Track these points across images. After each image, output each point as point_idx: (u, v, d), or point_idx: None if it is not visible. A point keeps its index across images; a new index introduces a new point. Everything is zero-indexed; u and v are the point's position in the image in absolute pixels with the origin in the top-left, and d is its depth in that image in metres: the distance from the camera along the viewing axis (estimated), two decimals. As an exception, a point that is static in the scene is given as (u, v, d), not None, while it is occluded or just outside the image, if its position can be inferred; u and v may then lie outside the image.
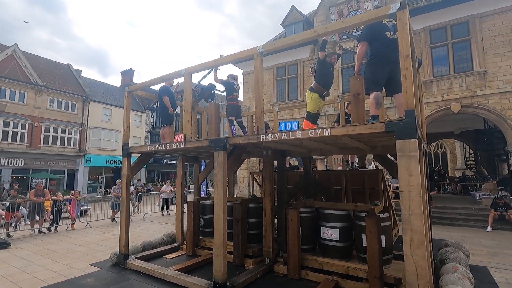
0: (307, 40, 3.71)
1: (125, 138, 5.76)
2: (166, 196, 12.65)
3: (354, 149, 4.91)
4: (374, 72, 3.65)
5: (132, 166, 5.71)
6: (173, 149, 4.93)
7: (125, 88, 5.79)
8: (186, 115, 4.71)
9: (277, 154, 5.61)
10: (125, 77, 33.11)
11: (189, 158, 6.95)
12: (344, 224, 4.79)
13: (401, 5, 2.96)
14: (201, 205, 6.49)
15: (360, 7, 12.00)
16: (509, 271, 5.04)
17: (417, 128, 2.96)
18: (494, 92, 9.32)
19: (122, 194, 5.63)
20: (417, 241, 2.72)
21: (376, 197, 6.47)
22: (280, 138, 3.67)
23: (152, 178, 30.69)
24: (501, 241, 7.06)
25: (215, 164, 4.27)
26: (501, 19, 9.47)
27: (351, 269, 4.42)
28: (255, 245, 5.69)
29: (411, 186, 2.79)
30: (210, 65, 4.57)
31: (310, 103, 5.21)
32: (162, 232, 8.19)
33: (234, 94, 6.41)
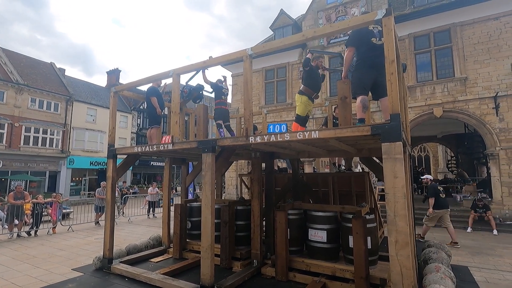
0: (296, 43, 3.75)
1: (110, 139, 5.64)
2: (152, 198, 12.44)
3: (341, 152, 4.99)
4: (361, 76, 3.73)
5: (118, 167, 5.59)
6: (160, 150, 4.86)
7: (111, 88, 5.67)
8: (174, 116, 4.66)
9: (266, 156, 5.62)
10: (111, 77, 32.50)
11: (176, 160, 6.86)
12: (332, 226, 4.84)
13: (386, 11, 3.04)
14: (189, 207, 6.41)
15: (347, 13, 12.25)
16: (488, 271, 5.22)
17: (402, 132, 3.04)
18: (474, 98, 9.69)
19: (107, 196, 5.49)
20: (402, 242, 2.78)
21: (362, 199, 6.59)
22: (269, 140, 3.68)
23: (138, 180, 30.14)
24: (480, 241, 7.32)
25: (203, 166, 4.24)
26: (481, 28, 9.88)
27: (338, 270, 4.47)
28: (243, 248, 5.67)
29: (396, 188, 2.85)
30: (199, 66, 4.55)
31: (299, 106, 5.27)
32: (148, 235, 8.04)
33: (222, 98, 6.40)
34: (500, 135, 9.22)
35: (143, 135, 32.06)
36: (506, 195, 9.04)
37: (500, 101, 9.24)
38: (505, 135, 9.15)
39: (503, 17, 9.54)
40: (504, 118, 9.20)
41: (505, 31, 9.46)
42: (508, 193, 9.00)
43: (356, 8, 12.04)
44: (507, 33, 9.43)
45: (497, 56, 9.48)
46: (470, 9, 9.91)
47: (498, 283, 4.64)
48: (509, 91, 9.20)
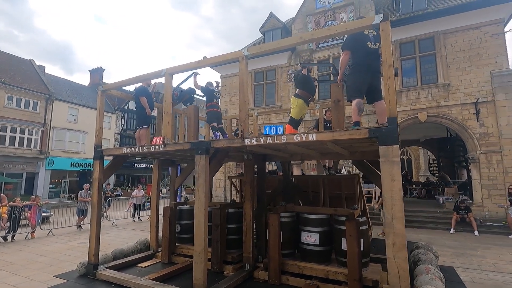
0: (294, 45, 3.76)
1: (97, 140, 5.43)
2: (137, 201, 12.09)
3: (334, 155, 5.02)
4: (356, 80, 3.76)
5: (105, 169, 5.39)
6: (151, 152, 4.72)
7: (98, 87, 5.47)
8: (166, 117, 4.54)
9: (258, 158, 5.59)
10: (94, 76, 31.58)
11: (166, 161, 6.70)
12: (324, 228, 4.85)
13: (384, 16, 3.08)
14: (178, 210, 6.27)
15: (336, 18, 12.45)
16: (473, 271, 5.38)
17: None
18: (456, 103, 10.06)
19: (92, 199, 5.27)
20: (399, 244, 2.81)
21: (352, 202, 6.66)
22: (265, 142, 3.64)
23: (122, 183, 29.33)
24: (463, 242, 7.56)
25: (196, 168, 4.14)
26: (462, 37, 10.29)
27: (331, 273, 4.48)
28: (234, 251, 5.59)
29: (394, 190, 2.88)
30: (192, 66, 4.46)
31: (294, 109, 5.28)
32: (133, 239, 7.80)
33: (214, 101, 6.33)
34: (480, 139, 9.61)
35: (127, 136, 31.29)
36: (486, 197, 9.42)
37: (481, 107, 9.64)
38: (485, 139, 9.55)
39: (483, 27, 9.98)
40: (484, 124, 9.60)
41: (485, 40, 9.90)
42: (488, 195, 9.38)
43: (344, 13, 12.26)
44: (486, 42, 9.87)
45: (478, 64, 9.90)
46: (452, 18, 10.31)
47: (484, 283, 4.78)
48: (489, 97, 9.62)
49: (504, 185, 9.07)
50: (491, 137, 9.48)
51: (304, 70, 5.13)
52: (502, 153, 9.25)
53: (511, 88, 9.27)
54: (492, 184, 9.35)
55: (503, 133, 9.27)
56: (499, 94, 9.41)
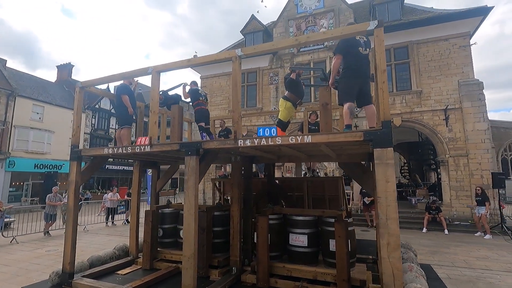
0: (289, 47, 3.77)
1: (74, 139, 5.09)
2: (111, 205, 11.50)
3: (322, 157, 5.09)
4: (348, 84, 3.84)
5: (83, 171, 5.05)
6: (136, 152, 4.50)
7: (77, 83, 5.13)
8: (153, 116, 4.35)
9: (246, 160, 5.53)
10: (62, 72, 29.85)
11: (147, 163, 6.43)
12: (312, 230, 4.89)
13: (378, 23, 3.19)
14: (160, 214, 6.03)
15: (316, 23, 12.75)
16: (447, 267, 5.69)
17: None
18: (428, 110, 10.68)
19: (69, 202, 4.92)
20: (394, 244, 2.88)
21: (335, 203, 6.80)
22: (260, 144, 3.60)
23: (91, 185, 27.80)
24: (436, 241, 8.00)
25: (186, 170, 4.00)
26: (433, 47, 10.97)
27: (319, 274, 4.51)
28: (220, 255, 5.47)
29: (388, 192, 2.96)
30: (182, 65, 4.31)
31: (283, 111, 5.29)
32: (109, 245, 7.43)
33: (200, 99, 6.18)
34: (449, 144, 10.27)
35: (98, 136, 29.82)
36: (454, 198, 10.06)
37: (449, 113, 10.31)
38: (453, 144, 10.22)
39: (451, 39, 10.71)
40: (452, 129, 10.28)
41: (453, 51, 10.62)
42: (456, 196, 10.03)
43: (324, 19, 12.60)
44: (455, 53, 10.60)
45: (447, 73, 10.59)
46: (424, 30, 10.96)
47: (459, 279, 5.07)
48: (457, 105, 10.32)
49: (470, 187, 9.74)
50: (458, 141, 10.16)
51: (293, 74, 5.16)
52: (468, 157, 9.95)
53: (476, 96, 10.02)
54: (459, 185, 10.01)
55: (469, 138, 9.98)
56: (466, 102, 10.12)
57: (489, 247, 7.29)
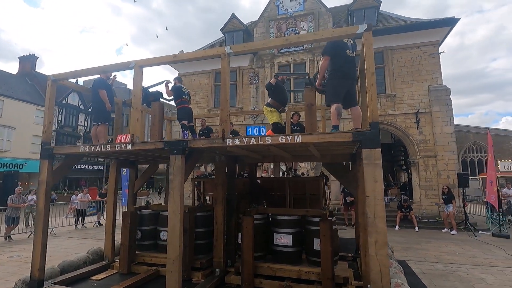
0: (278, 46, 3.78)
1: (46, 136, 4.73)
2: (81, 206, 10.86)
3: (307, 157, 5.16)
4: (336, 85, 3.91)
5: (55, 170, 4.70)
6: (115, 151, 4.27)
7: (48, 76, 4.77)
8: (134, 113, 4.15)
9: (230, 160, 5.45)
10: (24, 64, 27.86)
11: (125, 162, 6.13)
12: (296, 230, 4.92)
13: (367, 27, 3.26)
14: (139, 215, 5.78)
15: (296, 25, 12.93)
16: (421, 263, 6.00)
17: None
18: (400, 113, 11.23)
19: (39, 204, 4.56)
20: (381, 242, 2.96)
21: (316, 203, 6.91)
22: (249, 143, 3.56)
23: (57, 186, 26.14)
24: (408, 237, 8.42)
25: (171, 169, 3.86)
26: (406, 54, 11.56)
27: (303, 273, 4.54)
28: (202, 256, 5.35)
29: (376, 191, 3.04)
30: (167, 60, 4.15)
31: (272, 115, 5.27)
32: (79, 249, 7.04)
33: (183, 97, 6.01)
34: (419, 145, 10.87)
35: (65, 133, 28.14)
36: (423, 197, 10.66)
37: (420, 117, 10.91)
38: (423, 146, 10.83)
39: (422, 47, 11.35)
40: (422, 132, 10.89)
41: (424, 58, 11.26)
42: (425, 195, 10.63)
43: (305, 22, 12.81)
44: (425, 60, 11.24)
45: (418, 79, 11.21)
46: (399, 37, 11.51)
47: (432, 273, 5.36)
48: (427, 109, 10.95)
49: (438, 186, 10.37)
50: (428, 143, 10.78)
51: (273, 79, 5.15)
52: (436, 158, 10.59)
53: (444, 101, 10.69)
54: (428, 185, 10.63)
55: (437, 140, 10.63)
56: (435, 106, 10.77)
57: (455, 242, 7.80)
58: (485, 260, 6.17)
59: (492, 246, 7.33)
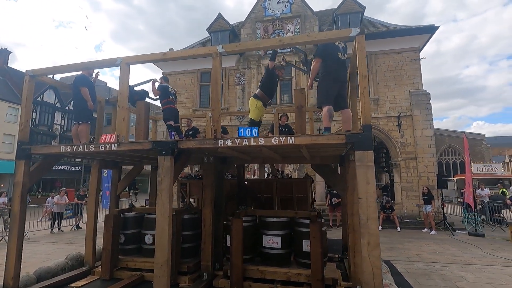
0: (272, 47, 3.74)
1: (22, 135, 4.44)
2: (58, 209, 10.34)
3: (295, 158, 5.16)
4: (327, 87, 3.93)
5: (32, 171, 4.43)
6: (99, 151, 4.07)
7: (26, 71, 4.48)
8: (121, 112, 3.98)
9: (218, 161, 5.35)
10: (-4, 58, 26.20)
11: (107, 162, 5.89)
12: (286, 231, 4.90)
13: (360, 30, 3.31)
14: (122, 218, 5.56)
15: (283, 28, 13.01)
16: (404, 262, 6.15)
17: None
18: (383, 116, 11.54)
19: (13, 208, 4.27)
20: (373, 243, 2.99)
21: (303, 204, 6.94)
22: (241, 144, 3.50)
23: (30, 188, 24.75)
24: (391, 237, 8.63)
25: (159, 171, 3.73)
26: (389, 58, 11.90)
27: (293, 275, 4.52)
28: (189, 260, 5.21)
29: (368, 193, 3.07)
30: (156, 58, 4.02)
31: (254, 110, 5.21)
32: (57, 255, 6.71)
33: (170, 98, 5.85)
34: (401, 148, 11.21)
35: (39, 132, 26.81)
36: (404, 197, 10.99)
37: (402, 120, 11.26)
38: (405, 148, 11.18)
39: (404, 52, 11.74)
40: (404, 135, 11.24)
41: (406, 64, 11.64)
42: (406, 196, 10.97)
43: (291, 24, 12.90)
44: (407, 65, 11.63)
45: (400, 83, 11.57)
46: (382, 42, 11.83)
47: (416, 272, 5.50)
48: (408, 112, 11.32)
49: (418, 187, 10.73)
50: (409, 146, 11.14)
51: (271, 62, 5.02)
52: (417, 160, 10.96)
53: (424, 105, 11.10)
54: (409, 186, 10.98)
55: (418, 143, 11.00)
56: (415, 110, 11.16)
57: (435, 242, 8.08)
58: (463, 258, 6.41)
59: (469, 245, 7.65)
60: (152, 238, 5.29)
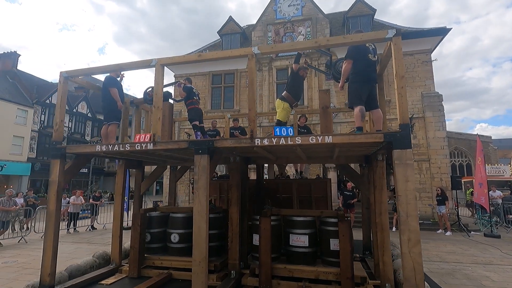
0: (308, 48, 3.82)
1: (57, 135, 4.54)
2: (74, 209, 10.44)
3: (321, 159, 5.22)
4: (359, 88, 4.00)
5: (66, 170, 4.52)
6: (133, 151, 4.16)
7: (60, 72, 4.59)
8: (156, 112, 4.07)
9: (243, 161, 5.44)
10: (5, 62, 26.61)
11: (132, 163, 5.98)
12: (312, 230, 4.96)
13: (396, 32, 3.38)
14: (148, 217, 5.64)
15: (294, 30, 13.12)
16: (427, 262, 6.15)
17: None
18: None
19: (49, 206, 4.36)
20: (414, 240, 3.05)
21: (322, 204, 6.99)
22: (278, 143, 3.57)
23: (38, 189, 25.00)
24: (407, 238, 8.64)
25: (196, 170, 3.81)
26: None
27: (321, 274, 4.57)
28: (215, 259, 5.28)
29: (408, 191, 3.13)
30: (191, 59, 4.13)
31: (281, 112, 5.29)
32: (78, 254, 6.82)
33: (194, 98, 5.95)
34: (413, 149, 11.22)
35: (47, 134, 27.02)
36: (417, 199, 11.00)
37: (414, 122, 11.31)
38: (417, 149, 11.21)
39: (416, 54, 11.81)
40: (416, 136, 11.28)
41: (417, 66, 11.71)
42: (419, 197, 10.99)
43: (302, 27, 13.02)
44: (419, 67, 11.69)
45: (412, 85, 11.62)
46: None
47: (439, 272, 5.54)
48: (420, 114, 11.37)
49: (431, 189, 10.75)
50: (421, 147, 11.18)
51: (295, 65, 5.11)
52: (430, 161, 10.99)
53: (436, 107, 11.14)
54: (422, 187, 10.99)
55: (431, 144, 11.04)
56: (428, 112, 11.20)
57: (452, 242, 8.09)
58: (484, 259, 6.43)
59: (487, 246, 7.66)
60: (179, 237, 5.37)
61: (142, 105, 6.39)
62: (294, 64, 5.21)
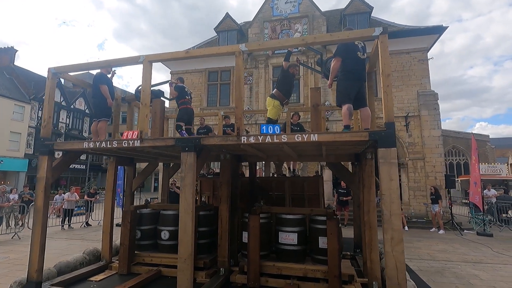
0: (295, 46, 3.79)
1: (45, 131, 4.52)
2: (69, 206, 10.44)
3: (312, 157, 5.22)
4: (347, 86, 3.99)
5: (55, 167, 4.51)
6: (120, 148, 4.15)
7: (49, 68, 4.57)
8: (144, 109, 4.05)
9: (233, 158, 5.43)
10: (2, 57, 26.50)
11: (124, 160, 5.98)
12: (301, 228, 4.97)
13: (383, 30, 3.38)
14: (139, 214, 5.64)
15: (291, 28, 13.06)
16: (416, 261, 6.20)
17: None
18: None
19: (37, 202, 4.36)
20: (397, 238, 3.05)
21: (315, 202, 6.99)
22: (264, 141, 3.56)
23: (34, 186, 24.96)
24: (399, 237, 8.67)
25: (182, 167, 3.80)
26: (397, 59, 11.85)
27: (309, 271, 4.58)
28: (204, 256, 5.29)
29: (392, 189, 3.13)
30: (179, 56, 4.10)
31: (271, 109, 5.27)
32: (70, 250, 6.82)
33: (186, 98, 5.92)
34: (408, 148, 11.25)
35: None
36: (412, 197, 11.03)
37: (410, 120, 11.30)
38: (412, 148, 11.22)
39: (413, 53, 11.77)
40: (411, 134, 11.28)
41: (414, 64, 11.68)
42: (414, 196, 11.01)
43: (299, 24, 12.96)
44: (415, 66, 11.66)
45: (408, 84, 11.60)
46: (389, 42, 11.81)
47: (428, 270, 5.56)
48: (416, 112, 11.36)
49: (426, 187, 10.77)
50: (416, 146, 11.18)
51: (291, 69, 5.08)
52: (424, 160, 11.00)
53: (432, 106, 11.13)
54: (417, 186, 11.02)
55: (426, 143, 11.04)
56: (423, 110, 11.19)
57: (444, 241, 8.13)
58: (474, 257, 6.46)
59: (479, 244, 7.69)
60: (169, 234, 5.38)
61: (134, 102, 6.37)
62: (284, 62, 5.17)
